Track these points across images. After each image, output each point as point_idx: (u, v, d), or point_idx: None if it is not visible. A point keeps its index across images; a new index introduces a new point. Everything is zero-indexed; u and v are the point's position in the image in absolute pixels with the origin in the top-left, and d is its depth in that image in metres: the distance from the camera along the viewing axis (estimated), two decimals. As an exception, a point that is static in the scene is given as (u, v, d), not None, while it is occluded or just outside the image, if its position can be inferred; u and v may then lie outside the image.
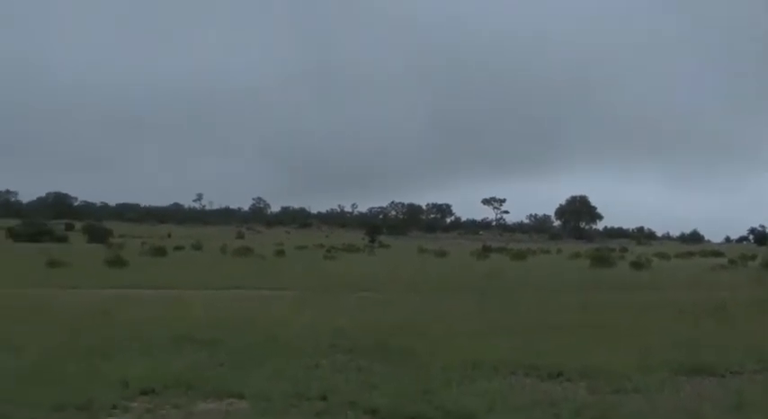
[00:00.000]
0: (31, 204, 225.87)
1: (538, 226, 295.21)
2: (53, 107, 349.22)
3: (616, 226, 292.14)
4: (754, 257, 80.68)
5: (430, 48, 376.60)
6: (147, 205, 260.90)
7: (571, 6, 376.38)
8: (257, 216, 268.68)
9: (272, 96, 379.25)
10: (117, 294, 28.70)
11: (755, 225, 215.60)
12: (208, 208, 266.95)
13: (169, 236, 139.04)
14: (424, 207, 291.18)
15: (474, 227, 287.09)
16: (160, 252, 76.80)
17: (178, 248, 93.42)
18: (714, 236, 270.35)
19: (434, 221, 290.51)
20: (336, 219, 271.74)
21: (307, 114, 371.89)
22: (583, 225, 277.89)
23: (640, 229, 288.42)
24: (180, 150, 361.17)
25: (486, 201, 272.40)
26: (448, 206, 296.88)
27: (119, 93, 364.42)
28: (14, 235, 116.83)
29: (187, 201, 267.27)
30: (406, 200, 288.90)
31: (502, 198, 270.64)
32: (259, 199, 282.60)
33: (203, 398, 10.54)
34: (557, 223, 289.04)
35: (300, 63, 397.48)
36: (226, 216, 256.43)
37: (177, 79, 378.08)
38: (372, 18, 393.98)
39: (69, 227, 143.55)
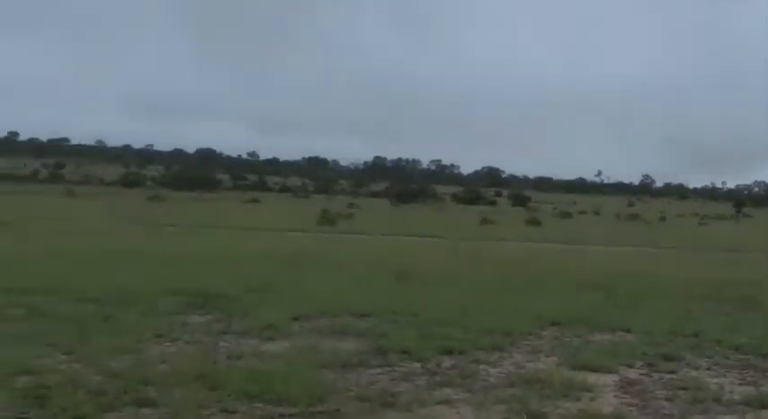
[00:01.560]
0: (469, 175, 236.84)
1: None
2: (488, 97, 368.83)
3: None
4: None
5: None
6: (558, 178, 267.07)
7: None
8: (645, 189, 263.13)
9: (665, 92, 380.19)
10: (533, 247, 29.89)
11: None
12: (605, 181, 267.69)
13: (574, 203, 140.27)
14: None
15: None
16: (567, 215, 78.44)
17: (581, 213, 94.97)
18: None
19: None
20: (709, 194, 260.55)
21: (693, 106, 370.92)
22: None
23: None
24: (584, 133, 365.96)
25: None
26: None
27: (542, 87, 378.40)
28: (457, 199, 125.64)
29: (589, 176, 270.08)
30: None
31: None
32: (647, 175, 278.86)
33: (599, 331, 10.81)
34: None
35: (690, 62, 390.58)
36: (619, 189, 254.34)
37: (594, 72, 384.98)
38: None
39: (498, 194, 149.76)
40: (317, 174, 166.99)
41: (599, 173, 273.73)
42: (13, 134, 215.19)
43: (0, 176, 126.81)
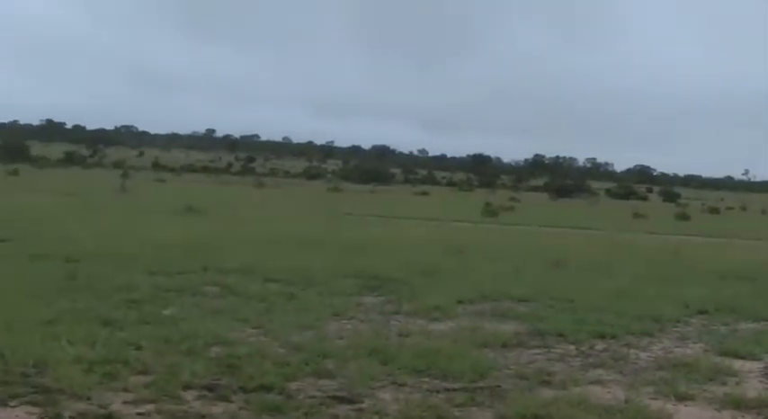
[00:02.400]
0: (622, 173, 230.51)
1: None
2: (641, 98, 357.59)
3: None
4: None
5: None
6: (707, 176, 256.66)
7: None
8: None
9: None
10: (682, 239, 28.81)
11: None
12: (752, 180, 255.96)
13: (722, 200, 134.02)
14: None
15: None
16: (715, 211, 75.15)
17: (729, 209, 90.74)
18: None
19: None
20: None
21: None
22: None
23: None
24: (732, 133, 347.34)
25: None
26: None
27: (691, 89, 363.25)
28: (611, 194, 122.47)
29: (736, 174, 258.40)
30: None
31: None
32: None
33: (744, 320, 10.39)
34: None
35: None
36: (766, 187, 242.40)
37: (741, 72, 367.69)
38: None
39: (649, 191, 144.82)
40: (481, 170, 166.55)
41: (746, 172, 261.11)
42: (211, 131, 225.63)
43: (198, 168, 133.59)
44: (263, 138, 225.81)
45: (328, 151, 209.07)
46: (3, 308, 8.09)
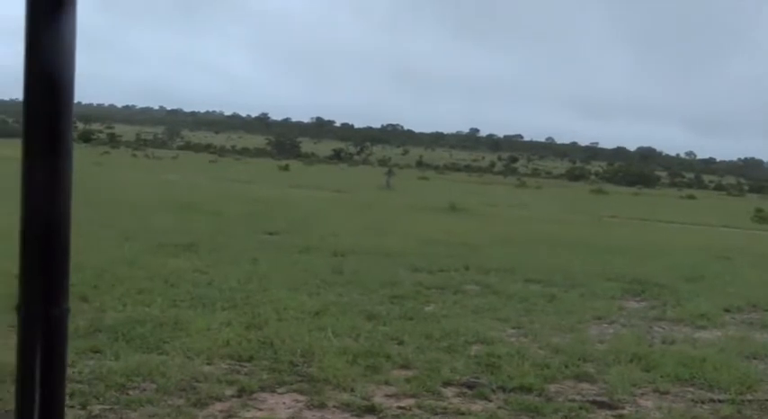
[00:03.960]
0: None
1: None
2: None
3: None
4: None
5: None
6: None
7: None
8: None
9: None
10: None
11: None
12: None
13: None
14: None
15: None
16: None
17: None
18: None
19: None
20: None
21: None
22: None
23: None
24: None
25: None
26: None
27: None
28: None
29: None
30: None
31: None
32: None
33: None
34: None
35: None
36: None
37: None
38: None
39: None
40: (753, 174, 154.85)
41: None
42: (474, 130, 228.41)
43: (461, 167, 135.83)
44: (526, 138, 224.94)
45: (592, 152, 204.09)
46: (273, 299, 8.70)
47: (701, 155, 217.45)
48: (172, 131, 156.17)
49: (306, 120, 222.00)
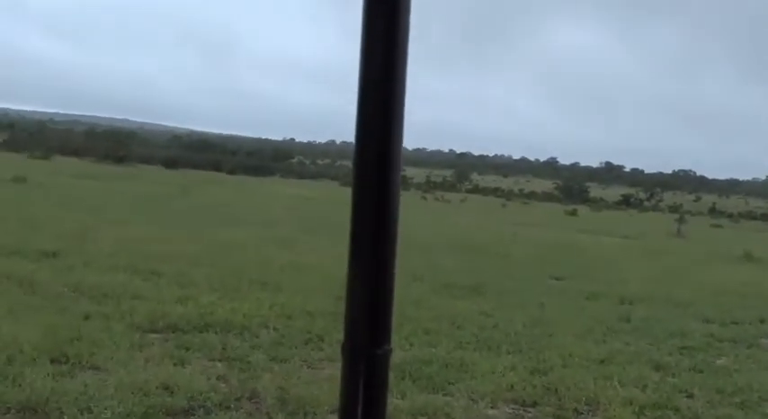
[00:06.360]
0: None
1: None
2: None
3: None
4: None
5: None
6: None
7: None
8: None
9: None
10: None
11: None
12: None
13: None
14: None
15: None
16: None
17: None
18: None
19: None
20: None
21: None
22: None
23: None
24: None
25: None
26: None
27: None
28: None
29: None
30: None
31: None
32: None
33: None
34: None
35: None
36: None
37: None
38: None
39: None
40: None
41: None
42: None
43: (758, 215, 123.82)
44: None
45: None
46: (558, 344, 8.71)
47: None
48: (461, 174, 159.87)
49: (594, 164, 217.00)
